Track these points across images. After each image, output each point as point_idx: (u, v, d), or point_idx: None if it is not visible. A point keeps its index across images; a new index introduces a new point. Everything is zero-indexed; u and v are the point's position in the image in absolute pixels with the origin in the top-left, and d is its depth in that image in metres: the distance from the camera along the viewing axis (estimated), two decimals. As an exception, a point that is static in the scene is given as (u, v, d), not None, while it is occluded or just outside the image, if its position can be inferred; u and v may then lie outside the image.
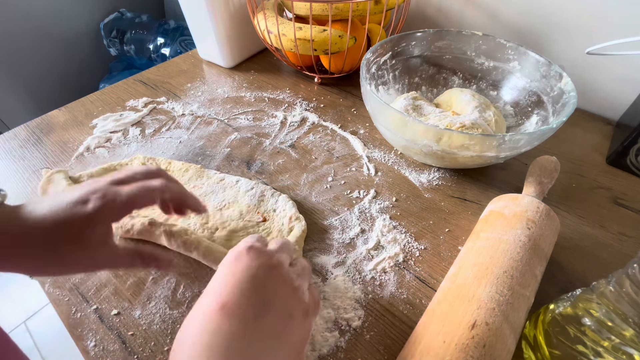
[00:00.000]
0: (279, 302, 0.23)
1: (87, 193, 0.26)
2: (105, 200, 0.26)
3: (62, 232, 0.25)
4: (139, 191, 0.28)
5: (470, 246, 0.32)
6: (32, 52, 1.24)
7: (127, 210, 0.28)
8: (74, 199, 0.26)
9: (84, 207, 0.26)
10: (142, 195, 0.28)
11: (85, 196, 0.26)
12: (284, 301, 0.23)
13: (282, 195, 0.40)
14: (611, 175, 0.44)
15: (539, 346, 0.26)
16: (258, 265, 0.23)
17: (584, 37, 0.50)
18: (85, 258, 0.26)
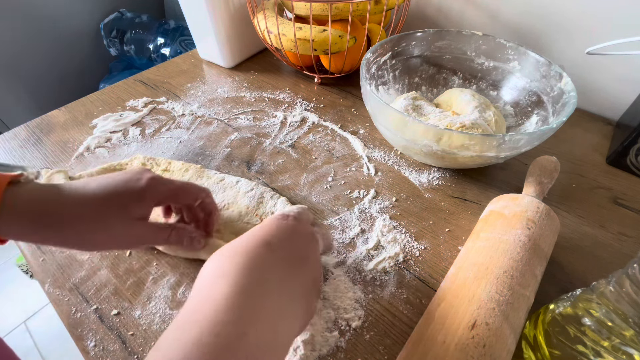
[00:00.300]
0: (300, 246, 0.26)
1: (140, 173, 0.30)
2: (156, 182, 0.30)
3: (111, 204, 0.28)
4: (190, 185, 0.32)
5: (470, 246, 0.32)
6: (32, 52, 1.24)
7: (172, 197, 0.31)
8: (127, 176, 0.29)
9: (137, 183, 0.29)
10: (191, 189, 0.32)
11: (139, 174, 0.30)
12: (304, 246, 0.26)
13: (281, 198, 0.40)
14: (611, 175, 0.44)
15: (539, 346, 0.26)
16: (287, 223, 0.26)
17: (584, 37, 0.50)
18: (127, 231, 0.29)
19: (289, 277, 0.23)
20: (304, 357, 0.29)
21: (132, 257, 0.36)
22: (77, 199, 0.27)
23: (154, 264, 0.35)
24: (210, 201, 0.34)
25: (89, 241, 0.28)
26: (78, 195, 0.27)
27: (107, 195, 0.28)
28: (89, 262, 0.36)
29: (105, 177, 0.29)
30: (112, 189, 0.28)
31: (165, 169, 0.44)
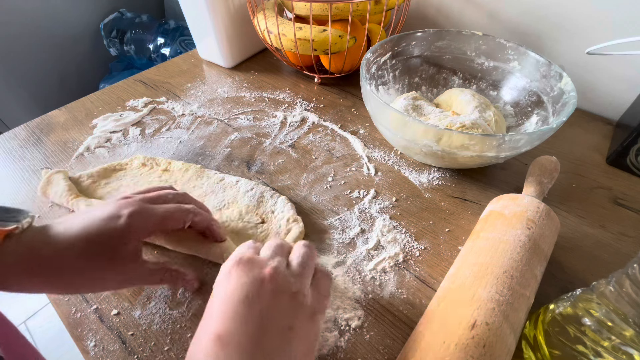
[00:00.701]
0: (277, 317, 0.22)
1: (120, 208, 0.27)
2: (138, 216, 0.27)
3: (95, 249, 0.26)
4: (174, 211, 0.29)
5: (470, 246, 0.32)
6: (32, 52, 1.24)
7: (159, 227, 0.28)
8: (105, 214, 0.27)
9: (117, 222, 0.26)
10: (176, 215, 0.29)
11: (117, 211, 0.27)
12: (282, 314, 0.22)
13: (281, 197, 0.40)
14: (611, 175, 0.44)
15: (539, 346, 0.26)
16: (250, 281, 0.22)
17: (584, 37, 0.50)
18: (116, 275, 0.27)
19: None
20: (304, 357, 0.29)
21: (132, 257, 0.36)
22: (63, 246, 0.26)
23: (154, 264, 0.35)
24: (200, 218, 0.31)
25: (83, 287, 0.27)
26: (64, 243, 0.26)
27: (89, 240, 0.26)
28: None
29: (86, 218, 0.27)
30: (94, 232, 0.26)
31: (165, 169, 0.44)
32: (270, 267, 0.23)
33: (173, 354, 0.29)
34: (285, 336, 0.21)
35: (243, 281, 0.22)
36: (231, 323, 0.21)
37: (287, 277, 0.24)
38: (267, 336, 0.21)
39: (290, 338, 0.22)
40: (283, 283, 0.23)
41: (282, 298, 0.23)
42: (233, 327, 0.21)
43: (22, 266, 0.25)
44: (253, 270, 0.23)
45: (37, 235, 0.26)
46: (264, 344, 0.21)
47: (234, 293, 0.22)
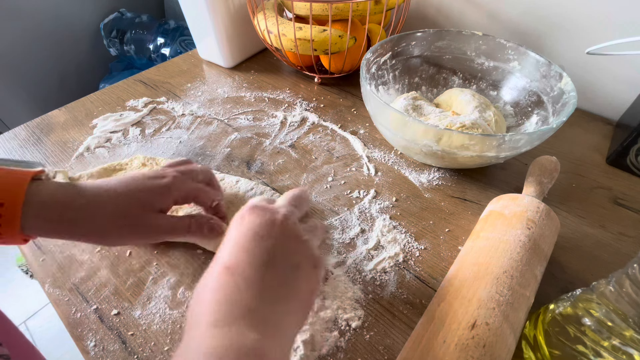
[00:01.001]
0: (284, 254, 0.23)
1: (163, 172, 0.32)
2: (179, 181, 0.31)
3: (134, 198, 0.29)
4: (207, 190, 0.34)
5: (470, 246, 0.32)
6: (32, 52, 1.24)
7: (192, 196, 0.32)
8: (149, 174, 0.31)
9: (160, 180, 0.31)
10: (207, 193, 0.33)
11: (161, 174, 0.31)
12: (289, 253, 0.23)
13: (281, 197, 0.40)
14: (611, 175, 0.44)
15: (539, 346, 0.26)
16: (260, 222, 0.23)
17: (584, 37, 0.50)
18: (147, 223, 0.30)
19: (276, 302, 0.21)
20: (303, 357, 0.29)
21: (132, 257, 0.36)
22: (100, 193, 0.28)
23: (154, 264, 0.35)
24: (221, 206, 0.35)
25: (111, 234, 0.29)
26: (101, 190, 0.28)
27: (130, 189, 0.29)
28: (89, 262, 0.36)
29: (128, 176, 0.30)
30: (137, 184, 0.30)
31: (165, 169, 0.44)
32: (282, 213, 0.24)
33: (173, 354, 0.29)
34: (290, 273, 0.22)
35: (256, 222, 0.23)
36: (240, 255, 0.22)
37: (298, 225, 0.25)
38: (274, 269, 0.22)
39: (295, 275, 0.22)
40: (293, 227, 0.24)
41: (291, 239, 0.24)
42: (241, 258, 0.22)
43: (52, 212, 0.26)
44: (265, 214, 0.24)
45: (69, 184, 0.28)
46: (270, 275, 0.22)
47: (246, 232, 0.23)
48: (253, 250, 0.22)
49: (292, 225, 0.24)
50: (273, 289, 0.21)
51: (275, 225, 0.23)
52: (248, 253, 0.22)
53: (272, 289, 0.21)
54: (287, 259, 0.23)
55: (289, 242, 0.23)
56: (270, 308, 0.21)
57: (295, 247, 0.23)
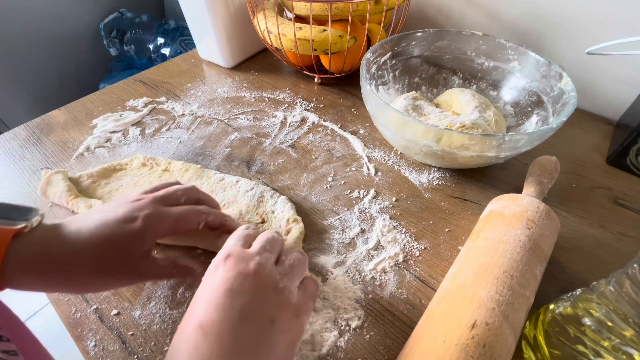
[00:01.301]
0: (259, 310, 0.22)
1: (134, 210, 0.28)
2: (153, 219, 0.28)
3: (110, 249, 0.26)
4: (188, 213, 0.30)
5: (470, 246, 0.32)
6: (32, 52, 1.24)
7: (173, 229, 0.29)
8: (120, 216, 0.27)
9: (132, 225, 0.27)
10: (190, 217, 0.30)
11: (132, 214, 0.28)
12: (265, 307, 0.22)
13: (281, 197, 0.40)
14: (611, 175, 0.44)
15: (539, 346, 0.26)
16: (235, 275, 0.23)
17: (584, 37, 0.50)
18: (129, 272, 0.28)
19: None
20: (303, 357, 0.29)
21: (132, 257, 0.36)
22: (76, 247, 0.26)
23: (154, 264, 0.35)
24: (213, 218, 0.32)
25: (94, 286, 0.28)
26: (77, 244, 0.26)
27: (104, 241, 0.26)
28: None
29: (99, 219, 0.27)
30: (109, 234, 0.27)
31: (165, 169, 0.44)
32: (255, 262, 0.24)
33: None
34: (265, 329, 0.22)
35: (229, 275, 0.23)
36: (213, 313, 0.21)
37: (273, 273, 0.24)
38: (247, 327, 0.21)
39: (272, 331, 0.22)
40: (268, 278, 0.24)
41: (266, 292, 0.23)
42: (215, 316, 0.21)
43: (32, 265, 0.25)
44: (239, 264, 0.23)
45: (49, 233, 0.26)
46: (244, 334, 0.21)
47: (220, 286, 0.23)
48: (226, 306, 0.22)
49: (267, 275, 0.24)
50: (248, 347, 0.21)
51: (249, 278, 0.23)
52: (221, 310, 0.22)
53: (246, 346, 0.21)
54: (263, 313, 0.22)
55: (264, 294, 0.23)
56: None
57: (272, 299, 0.23)
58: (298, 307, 0.24)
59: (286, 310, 0.23)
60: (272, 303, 0.23)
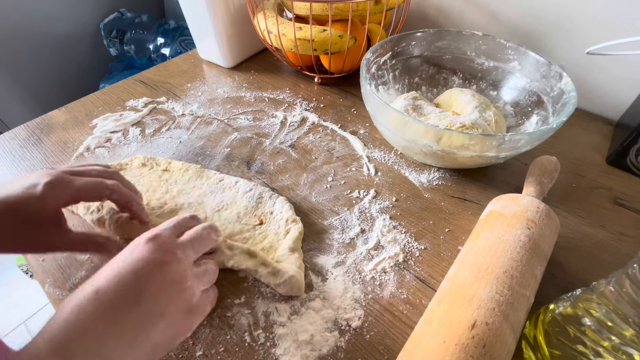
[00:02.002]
0: (154, 301, 0.23)
1: (39, 177, 0.29)
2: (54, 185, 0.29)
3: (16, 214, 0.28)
4: (91, 185, 0.31)
5: (470, 246, 0.32)
6: (32, 52, 1.24)
7: (74, 198, 0.30)
8: (26, 183, 0.29)
9: (34, 190, 0.28)
10: (92, 189, 0.31)
11: (36, 180, 0.29)
12: (159, 300, 0.23)
13: (279, 198, 0.40)
14: (611, 175, 0.44)
15: (539, 346, 0.26)
16: (147, 260, 0.24)
17: (584, 37, 0.50)
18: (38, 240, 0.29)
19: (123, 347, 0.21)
20: (303, 357, 0.29)
21: (132, 257, 0.36)
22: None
23: (154, 264, 0.35)
24: (119, 196, 0.32)
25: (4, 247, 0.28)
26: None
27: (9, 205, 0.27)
28: (89, 262, 0.36)
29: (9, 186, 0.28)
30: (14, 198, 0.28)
31: (165, 168, 0.44)
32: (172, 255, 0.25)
33: (173, 354, 0.29)
34: (154, 319, 0.23)
35: (143, 257, 0.24)
36: (113, 285, 0.22)
37: (185, 271, 0.25)
38: (138, 311, 0.22)
39: (158, 323, 0.23)
40: (177, 275, 0.24)
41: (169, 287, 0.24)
42: (113, 289, 0.22)
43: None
44: (156, 252, 0.24)
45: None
46: (132, 316, 0.22)
47: (129, 264, 0.23)
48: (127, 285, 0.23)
49: (177, 272, 0.24)
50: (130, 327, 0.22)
51: (159, 268, 0.24)
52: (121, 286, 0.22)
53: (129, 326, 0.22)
54: (156, 305, 0.23)
55: (166, 288, 0.24)
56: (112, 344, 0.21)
57: (170, 294, 0.24)
58: (194, 308, 0.25)
59: (181, 308, 0.24)
60: (169, 298, 0.24)
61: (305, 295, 0.33)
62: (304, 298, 0.33)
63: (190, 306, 0.25)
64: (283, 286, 0.32)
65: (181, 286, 0.24)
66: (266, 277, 0.33)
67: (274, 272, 0.33)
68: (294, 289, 0.32)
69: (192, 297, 0.25)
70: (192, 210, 0.39)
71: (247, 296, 0.33)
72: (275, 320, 0.31)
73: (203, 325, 0.31)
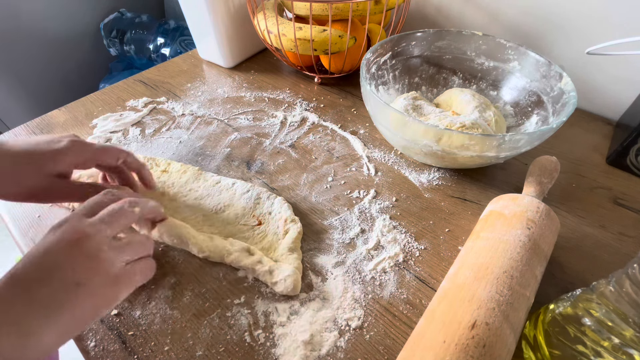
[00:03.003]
0: (67, 271, 0.24)
1: (67, 135, 0.33)
2: (75, 144, 0.32)
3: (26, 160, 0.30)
4: (108, 148, 0.34)
5: (470, 246, 0.32)
6: (33, 52, 1.24)
7: (92, 158, 0.33)
8: (49, 138, 0.32)
9: (58, 144, 0.32)
10: (109, 151, 0.34)
11: (64, 137, 0.32)
12: (73, 271, 0.24)
13: (277, 198, 0.40)
14: (611, 175, 0.44)
15: (539, 346, 0.26)
16: (58, 240, 0.25)
17: (584, 37, 0.50)
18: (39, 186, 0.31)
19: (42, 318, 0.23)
20: (303, 357, 0.29)
21: (132, 257, 0.36)
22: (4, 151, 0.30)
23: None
24: (133, 160, 0.36)
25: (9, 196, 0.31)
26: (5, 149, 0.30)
27: (24, 151, 0.30)
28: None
29: (33, 138, 0.32)
30: (33, 146, 0.31)
31: (164, 169, 0.44)
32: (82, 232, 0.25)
33: (173, 354, 0.29)
34: (69, 290, 0.24)
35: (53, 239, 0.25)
36: (26, 267, 0.24)
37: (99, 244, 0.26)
38: (51, 285, 0.23)
39: (76, 293, 0.24)
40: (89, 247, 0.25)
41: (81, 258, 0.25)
42: (26, 270, 0.24)
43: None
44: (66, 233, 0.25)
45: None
46: (46, 290, 0.23)
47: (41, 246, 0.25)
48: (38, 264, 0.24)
49: (88, 246, 0.25)
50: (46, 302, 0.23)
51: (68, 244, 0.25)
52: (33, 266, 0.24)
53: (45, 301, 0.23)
54: (70, 276, 0.24)
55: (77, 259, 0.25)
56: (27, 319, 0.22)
57: (85, 265, 0.25)
58: (116, 277, 0.26)
59: (101, 279, 0.25)
60: (84, 270, 0.24)
61: (305, 295, 0.33)
62: (303, 298, 0.33)
63: (110, 278, 0.26)
64: (279, 285, 0.32)
65: (96, 259, 0.25)
66: (263, 275, 0.33)
67: (270, 271, 0.33)
68: (290, 288, 0.32)
69: (110, 268, 0.26)
70: (190, 211, 0.39)
71: (247, 296, 0.33)
72: (275, 320, 0.31)
73: (203, 325, 0.31)
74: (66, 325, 0.24)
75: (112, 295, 0.26)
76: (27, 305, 0.22)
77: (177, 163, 0.44)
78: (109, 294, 0.26)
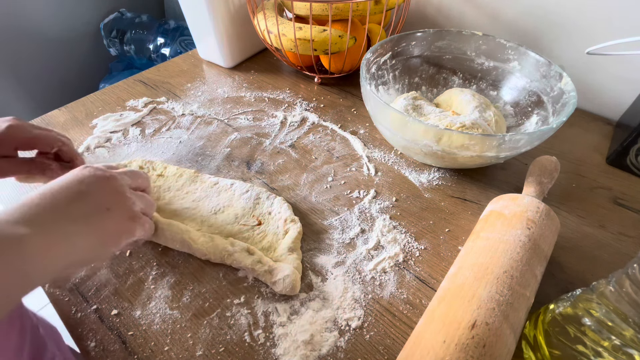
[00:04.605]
0: (98, 196, 0.27)
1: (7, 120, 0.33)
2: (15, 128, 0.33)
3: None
4: (44, 135, 0.35)
5: (470, 246, 0.32)
6: (32, 52, 1.24)
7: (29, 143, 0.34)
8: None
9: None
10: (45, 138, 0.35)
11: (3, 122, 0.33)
12: (103, 196, 0.27)
13: (277, 198, 0.40)
14: (611, 175, 0.44)
15: (539, 346, 0.26)
16: (88, 174, 0.27)
17: (584, 37, 0.50)
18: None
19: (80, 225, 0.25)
20: (303, 357, 0.29)
21: (132, 257, 0.36)
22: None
23: (154, 264, 0.35)
24: (68, 149, 0.36)
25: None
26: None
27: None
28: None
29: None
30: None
31: (160, 174, 0.43)
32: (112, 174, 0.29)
33: (173, 354, 0.29)
34: (102, 211, 0.26)
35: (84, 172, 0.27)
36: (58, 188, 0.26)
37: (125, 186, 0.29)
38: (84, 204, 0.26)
39: (106, 215, 0.27)
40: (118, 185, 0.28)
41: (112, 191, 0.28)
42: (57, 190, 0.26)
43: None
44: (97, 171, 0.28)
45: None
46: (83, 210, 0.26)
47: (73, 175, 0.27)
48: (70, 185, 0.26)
49: (115, 183, 0.28)
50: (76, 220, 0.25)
51: (100, 178, 0.28)
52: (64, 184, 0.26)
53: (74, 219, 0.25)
54: (100, 200, 0.27)
55: (109, 190, 0.28)
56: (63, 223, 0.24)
57: (113, 197, 0.28)
58: (135, 215, 0.29)
59: (125, 211, 0.28)
60: (113, 200, 0.27)
61: (305, 295, 0.33)
62: (304, 298, 0.33)
63: (132, 213, 0.29)
64: (278, 284, 0.32)
65: (123, 194, 0.28)
66: (263, 274, 0.33)
67: (270, 270, 0.33)
68: (289, 287, 0.32)
69: (132, 206, 0.29)
70: (189, 214, 0.39)
71: (247, 296, 0.33)
72: (275, 320, 0.31)
73: (203, 325, 0.31)
74: (92, 245, 0.26)
75: (130, 229, 0.29)
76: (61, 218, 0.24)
77: (174, 167, 0.44)
78: (129, 227, 0.28)
